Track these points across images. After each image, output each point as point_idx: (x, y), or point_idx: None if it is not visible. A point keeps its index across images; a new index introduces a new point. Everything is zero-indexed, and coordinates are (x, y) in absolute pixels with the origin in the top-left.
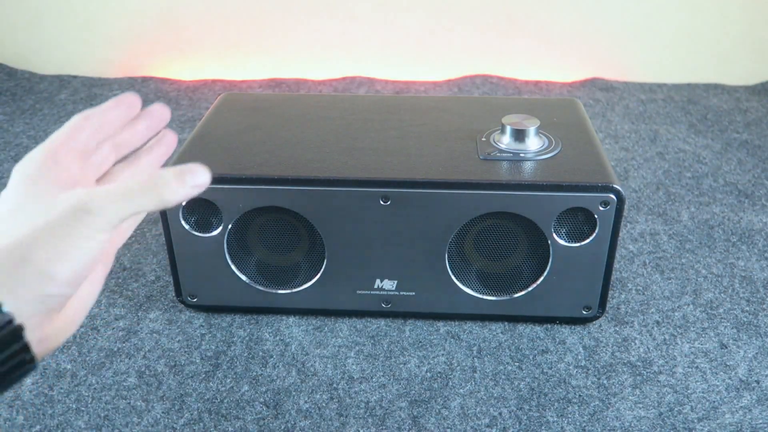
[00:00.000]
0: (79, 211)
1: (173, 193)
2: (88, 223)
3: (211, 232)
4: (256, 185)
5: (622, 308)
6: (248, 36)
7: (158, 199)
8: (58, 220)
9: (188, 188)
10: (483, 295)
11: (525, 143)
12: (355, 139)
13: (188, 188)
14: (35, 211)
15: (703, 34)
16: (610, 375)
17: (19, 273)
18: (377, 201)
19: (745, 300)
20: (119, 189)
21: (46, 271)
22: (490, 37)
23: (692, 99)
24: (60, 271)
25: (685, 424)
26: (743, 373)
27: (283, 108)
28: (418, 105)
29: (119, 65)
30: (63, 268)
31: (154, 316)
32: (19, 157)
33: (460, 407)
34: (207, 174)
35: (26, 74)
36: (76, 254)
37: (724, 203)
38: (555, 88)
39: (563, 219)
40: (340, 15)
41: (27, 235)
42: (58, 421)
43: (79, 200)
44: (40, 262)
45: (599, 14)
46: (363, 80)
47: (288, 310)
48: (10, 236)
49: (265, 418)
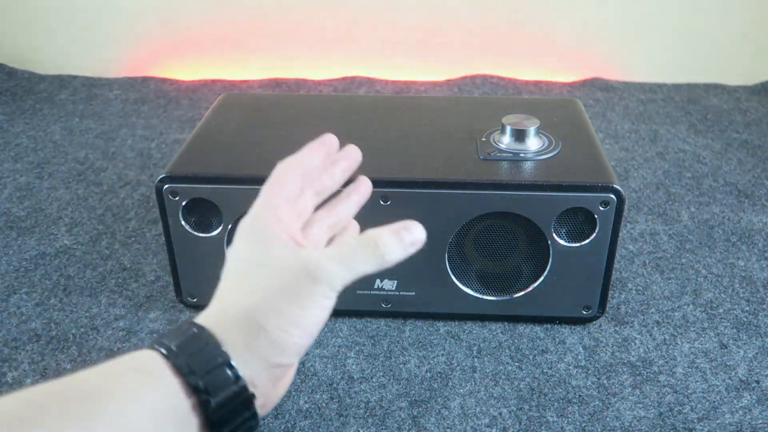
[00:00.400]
0: (309, 278)
1: (394, 254)
2: (317, 290)
3: (211, 232)
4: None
5: (622, 308)
6: (248, 36)
7: (380, 261)
8: (289, 286)
9: (407, 246)
10: (483, 295)
11: (525, 143)
12: (355, 139)
13: (407, 246)
14: (266, 273)
15: (703, 34)
16: (610, 375)
17: (255, 342)
18: (377, 201)
19: (745, 300)
20: (343, 254)
21: (281, 341)
22: (490, 37)
23: (692, 99)
24: (290, 342)
25: (685, 424)
26: (743, 373)
27: (283, 108)
28: (418, 105)
29: (119, 65)
30: (294, 336)
31: (154, 316)
32: (19, 157)
33: (460, 407)
34: (422, 229)
35: (26, 74)
36: (306, 321)
37: (724, 203)
38: (555, 88)
39: (563, 219)
40: (340, 15)
41: (261, 300)
42: None
43: (308, 267)
44: (275, 331)
45: (599, 14)
46: (363, 80)
47: None
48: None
49: (265, 418)
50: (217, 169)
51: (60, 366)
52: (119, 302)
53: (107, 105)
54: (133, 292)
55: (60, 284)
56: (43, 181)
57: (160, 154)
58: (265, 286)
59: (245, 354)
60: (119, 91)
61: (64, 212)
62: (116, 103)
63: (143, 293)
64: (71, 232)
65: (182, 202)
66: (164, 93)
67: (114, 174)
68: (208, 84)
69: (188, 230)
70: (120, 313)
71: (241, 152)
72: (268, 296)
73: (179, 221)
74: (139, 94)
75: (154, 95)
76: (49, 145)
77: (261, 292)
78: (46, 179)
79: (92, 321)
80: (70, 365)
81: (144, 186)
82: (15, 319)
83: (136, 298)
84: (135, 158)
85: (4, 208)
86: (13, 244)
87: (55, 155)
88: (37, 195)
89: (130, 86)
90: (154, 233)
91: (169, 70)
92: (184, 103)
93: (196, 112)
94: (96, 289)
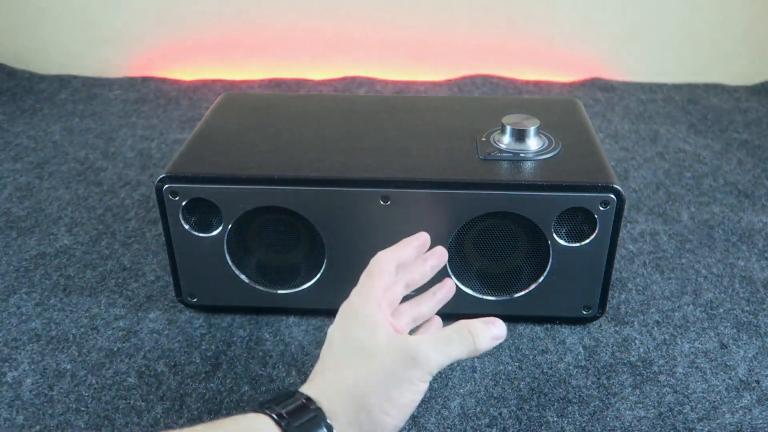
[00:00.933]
0: (409, 362)
1: (484, 343)
2: (415, 373)
3: (211, 232)
4: (256, 185)
5: (622, 308)
6: (248, 36)
7: (473, 348)
8: (390, 368)
9: (494, 338)
10: (483, 295)
11: (525, 143)
12: (355, 139)
13: (494, 338)
14: (369, 354)
15: (703, 34)
16: (610, 375)
17: (356, 417)
18: (377, 201)
19: (745, 300)
20: (440, 339)
21: (380, 420)
22: (490, 37)
23: (692, 99)
24: (388, 422)
25: (685, 424)
26: (743, 373)
27: (283, 108)
28: (418, 105)
29: (119, 65)
30: (392, 417)
31: (154, 316)
32: (19, 157)
33: (460, 407)
34: (504, 327)
35: (26, 74)
36: (403, 402)
37: (724, 203)
38: (555, 88)
39: (563, 219)
40: (340, 15)
41: (364, 379)
42: (58, 421)
43: (408, 351)
44: (375, 410)
45: (599, 14)
46: (363, 80)
47: (288, 310)
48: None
49: None
50: (217, 169)
51: (60, 366)
52: (119, 302)
53: (107, 105)
54: (133, 292)
55: (60, 284)
56: (43, 181)
57: (160, 154)
58: (368, 366)
59: (346, 428)
60: (119, 91)
61: (64, 212)
62: (116, 103)
63: (143, 293)
64: (71, 232)
65: (182, 202)
66: (164, 93)
67: (114, 174)
68: (208, 84)
69: (188, 230)
70: (120, 313)
71: (241, 152)
72: (371, 377)
73: (179, 221)
74: (139, 94)
75: (154, 95)
76: (49, 145)
77: (364, 371)
78: (46, 179)
79: (92, 321)
80: (70, 365)
81: (144, 186)
82: (15, 319)
83: (136, 298)
84: (135, 158)
85: (4, 208)
86: (13, 244)
87: (55, 155)
88: (37, 195)
89: (130, 86)
90: (154, 233)
91: (169, 70)
92: (184, 103)
93: (196, 112)
94: (96, 289)
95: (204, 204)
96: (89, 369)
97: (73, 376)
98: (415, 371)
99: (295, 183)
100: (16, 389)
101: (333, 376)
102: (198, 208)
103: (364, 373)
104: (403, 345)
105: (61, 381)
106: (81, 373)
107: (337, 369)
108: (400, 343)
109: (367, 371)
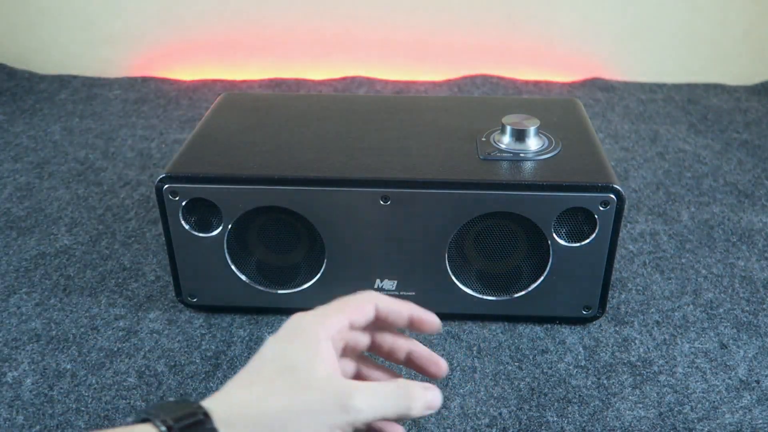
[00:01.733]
0: (340, 408)
1: (417, 410)
2: (345, 419)
3: (211, 232)
4: (256, 185)
5: (622, 308)
6: (248, 36)
7: (405, 413)
8: (318, 407)
9: (427, 407)
10: (483, 295)
11: (525, 143)
12: (355, 139)
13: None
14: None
15: (703, 34)
16: (610, 375)
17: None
18: (377, 201)
19: (745, 300)
20: (377, 395)
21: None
22: (490, 37)
23: (692, 99)
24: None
25: (685, 424)
26: (743, 373)
27: (283, 108)
28: (418, 105)
29: (119, 65)
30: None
31: (154, 316)
32: (19, 157)
33: (460, 407)
34: (440, 397)
35: (26, 74)
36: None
37: (724, 203)
38: (555, 88)
39: (563, 219)
40: (340, 15)
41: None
42: (58, 421)
43: (342, 397)
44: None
45: (599, 14)
46: (363, 80)
47: (288, 310)
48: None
49: None
50: (217, 169)
51: (60, 366)
52: (119, 302)
53: (107, 105)
54: (133, 292)
55: (60, 284)
56: (43, 181)
57: (160, 154)
58: (296, 398)
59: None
60: (119, 91)
61: (64, 212)
62: (116, 103)
63: (143, 293)
64: (71, 232)
65: (182, 202)
66: (164, 93)
67: (114, 174)
68: (208, 84)
69: (188, 230)
70: (120, 313)
71: (241, 152)
72: (296, 409)
73: (179, 221)
74: (139, 94)
75: (154, 95)
76: (49, 145)
77: (289, 401)
78: (46, 179)
79: (92, 321)
80: (70, 365)
81: (144, 186)
82: (15, 319)
83: (136, 298)
84: (135, 158)
85: (4, 208)
86: (13, 244)
87: (55, 155)
88: (37, 195)
89: (130, 86)
90: (154, 233)
91: (169, 70)
92: (184, 103)
93: (196, 112)
94: (96, 289)
95: (204, 204)
96: (89, 369)
97: (73, 376)
98: (348, 417)
99: (295, 183)
100: (16, 389)
101: (249, 396)
102: (198, 208)
103: (288, 402)
104: (339, 390)
105: (61, 381)
106: (81, 373)
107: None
108: (337, 386)
109: (294, 402)
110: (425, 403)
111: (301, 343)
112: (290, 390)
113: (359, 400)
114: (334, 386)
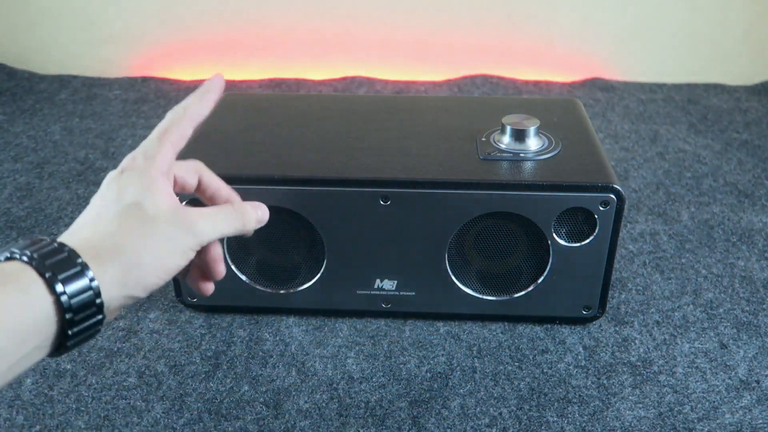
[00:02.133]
0: (189, 232)
1: (251, 224)
2: (188, 242)
3: None
4: (256, 185)
5: (622, 308)
6: (248, 36)
7: (242, 227)
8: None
9: (257, 221)
10: (483, 295)
11: (525, 143)
12: (355, 139)
13: (257, 221)
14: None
15: (703, 34)
16: (610, 375)
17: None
18: (377, 201)
19: (745, 300)
20: (217, 217)
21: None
22: (490, 37)
23: (692, 99)
24: (155, 281)
25: (685, 424)
26: (743, 373)
27: (283, 108)
28: (418, 105)
29: (119, 65)
30: (156, 280)
31: (154, 316)
32: (19, 157)
33: (460, 407)
34: (267, 212)
35: (26, 74)
36: (171, 268)
37: (724, 203)
38: (555, 88)
39: (563, 219)
40: (340, 15)
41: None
42: (58, 421)
43: (187, 224)
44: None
45: (599, 14)
46: (363, 80)
47: (288, 310)
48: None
49: (265, 418)
50: (217, 169)
51: (60, 366)
52: None
53: (107, 105)
54: None
55: None
56: (43, 181)
57: None
58: (146, 233)
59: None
60: (119, 91)
61: (64, 212)
62: (116, 103)
63: None
64: None
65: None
66: (164, 93)
67: None
68: None
69: None
70: (120, 313)
71: (241, 152)
72: (149, 242)
73: None
74: (139, 94)
75: (154, 95)
76: (49, 145)
77: (140, 236)
78: (46, 179)
79: None
80: (70, 365)
81: None
82: None
83: None
84: None
85: (4, 208)
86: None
87: (55, 155)
88: (37, 195)
89: (130, 86)
90: None
91: (169, 70)
92: None
93: None
94: None
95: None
96: (89, 369)
97: (73, 376)
98: (192, 240)
99: (295, 183)
100: (16, 389)
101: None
102: None
103: (141, 235)
104: (184, 218)
105: (61, 381)
106: (81, 373)
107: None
108: (182, 215)
109: (146, 234)
110: (256, 219)
111: (139, 182)
112: (142, 225)
113: (202, 224)
114: (179, 216)
